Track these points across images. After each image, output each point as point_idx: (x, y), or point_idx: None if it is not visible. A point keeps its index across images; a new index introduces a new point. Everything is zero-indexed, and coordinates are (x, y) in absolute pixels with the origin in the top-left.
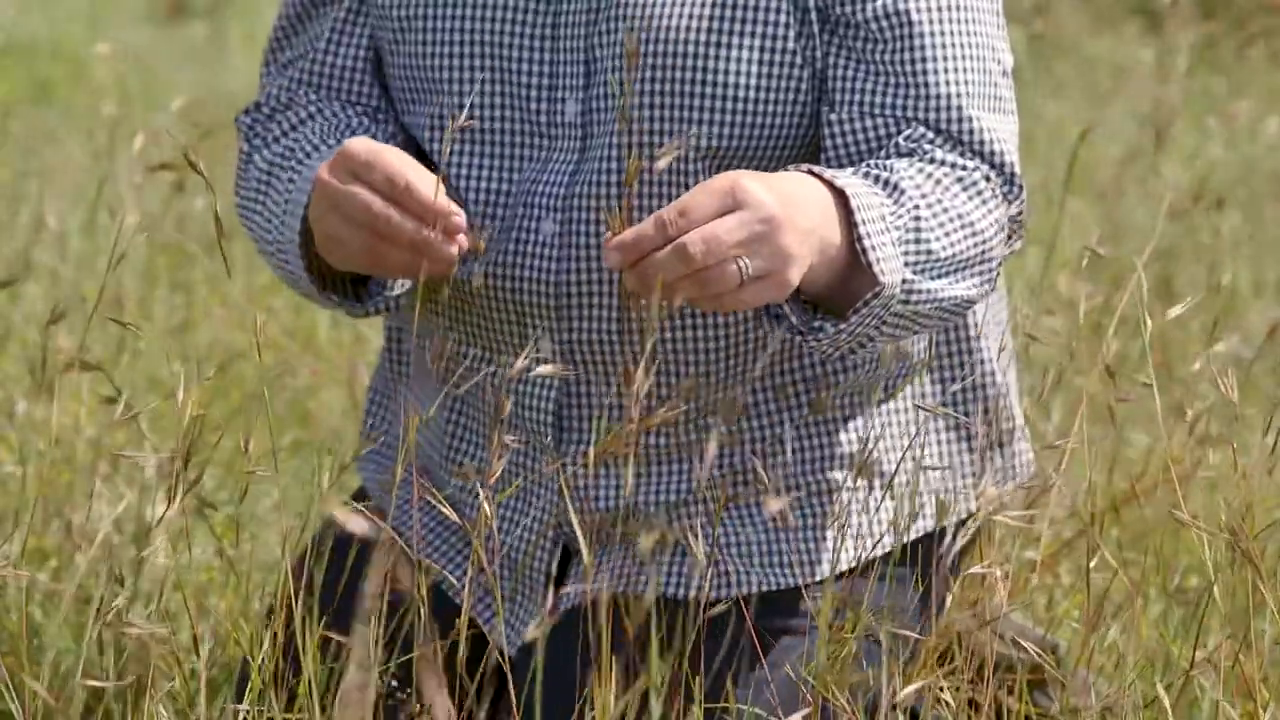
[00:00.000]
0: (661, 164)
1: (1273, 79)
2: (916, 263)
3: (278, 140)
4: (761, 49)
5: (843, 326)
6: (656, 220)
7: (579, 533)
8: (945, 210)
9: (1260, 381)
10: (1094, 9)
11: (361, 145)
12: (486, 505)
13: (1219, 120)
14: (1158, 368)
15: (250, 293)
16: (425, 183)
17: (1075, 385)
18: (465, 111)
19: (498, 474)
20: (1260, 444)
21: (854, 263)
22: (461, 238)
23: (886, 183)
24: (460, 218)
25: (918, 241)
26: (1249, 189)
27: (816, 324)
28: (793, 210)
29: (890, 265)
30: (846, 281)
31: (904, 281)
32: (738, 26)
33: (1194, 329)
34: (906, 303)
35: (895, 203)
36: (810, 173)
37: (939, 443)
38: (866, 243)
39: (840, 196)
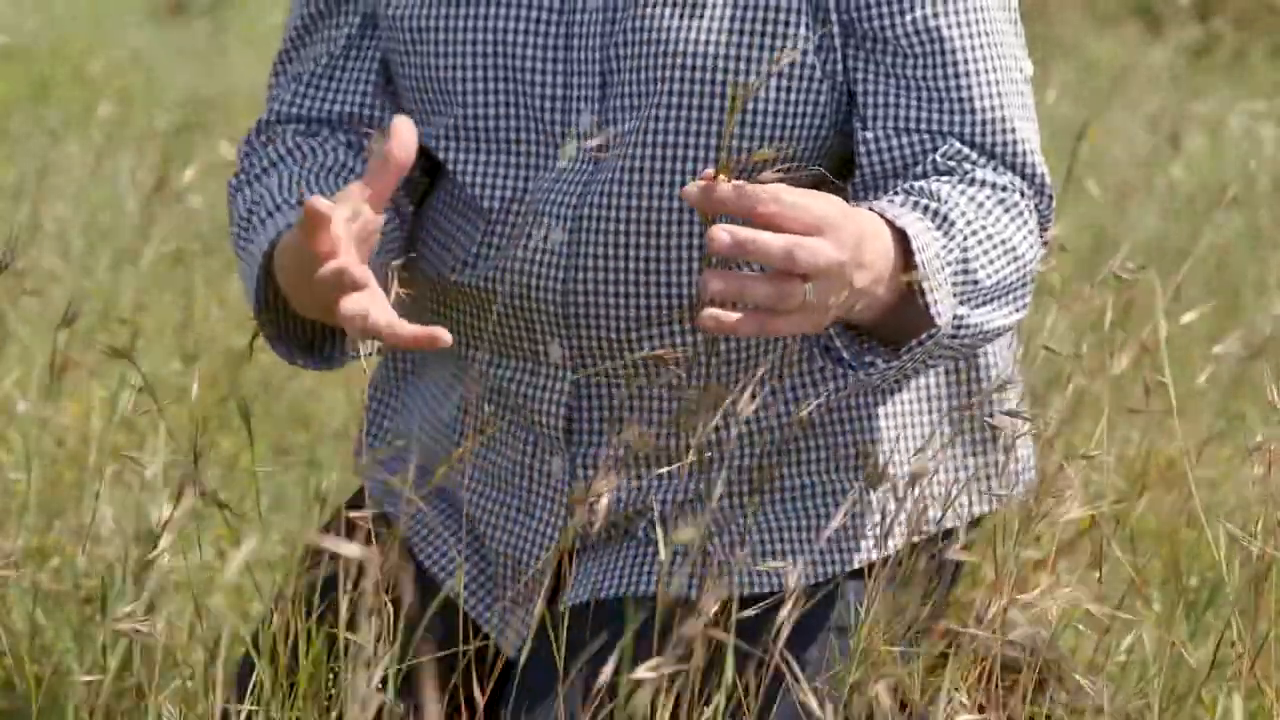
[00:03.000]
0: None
1: (1273, 79)
2: (964, 295)
3: (259, 179)
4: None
5: (894, 363)
6: (752, 191)
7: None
8: (990, 237)
9: (1260, 381)
10: (1094, 9)
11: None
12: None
13: (1219, 120)
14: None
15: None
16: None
17: (1078, 386)
18: (476, 114)
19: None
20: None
21: (905, 299)
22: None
23: (935, 214)
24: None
25: (966, 273)
26: (1249, 189)
27: (868, 359)
28: (858, 264)
29: (945, 305)
30: (896, 314)
31: (955, 317)
32: (757, 40)
33: (1194, 329)
34: (955, 335)
35: (946, 235)
36: (871, 208)
37: (947, 444)
38: (925, 284)
39: (899, 235)
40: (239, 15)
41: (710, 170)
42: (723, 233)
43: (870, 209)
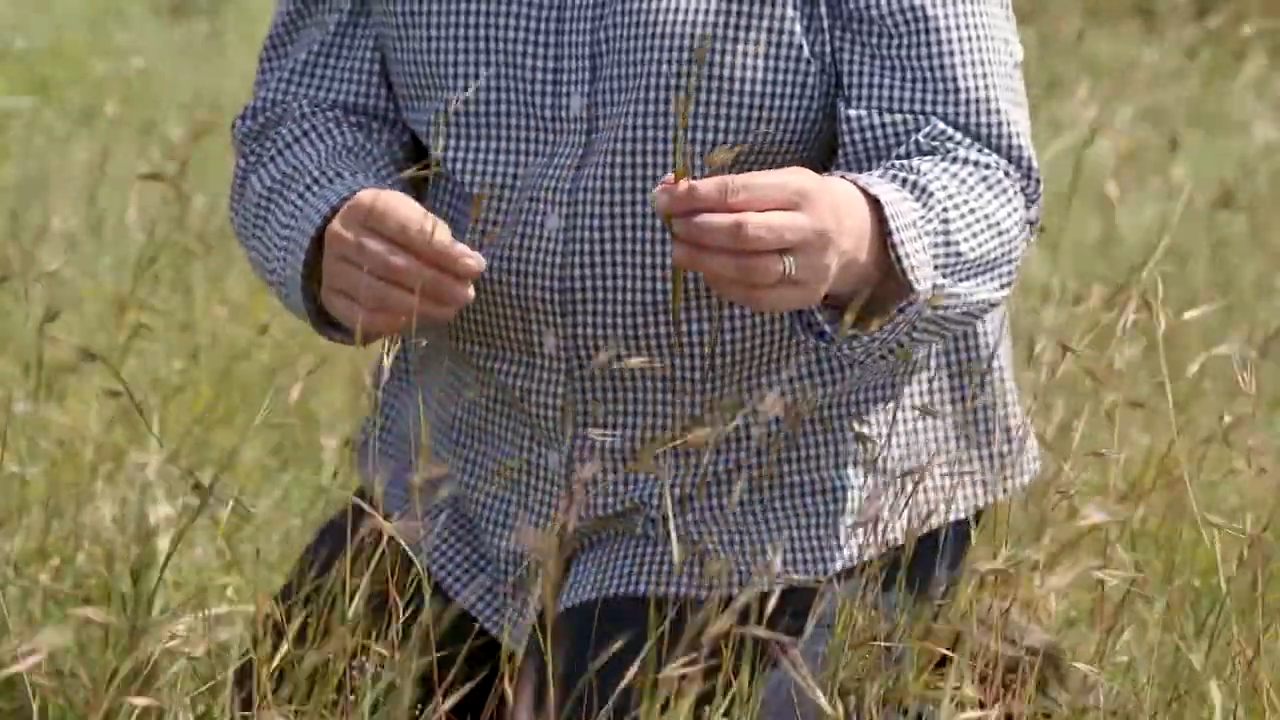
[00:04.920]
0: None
1: (1273, 79)
2: (946, 266)
3: (273, 160)
4: (769, 43)
5: (875, 335)
6: (719, 182)
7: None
8: (972, 211)
9: (1261, 381)
10: (1093, 8)
11: (370, 196)
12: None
13: (1218, 119)
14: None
15: (251, 291)
16: (437, 228)
17: (1082, 387)
18: (466, 99)
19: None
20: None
21: (884, 270)
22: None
23: (914, 185)
24: (474, 260)
25: (947, 244)
26: (1250, 189)
27: (850, 333)
28: (842, 228)
29: (923, 272)
30: (879, 287)
31: (934, 286)
32: (744, 21)
33: (1195, 328)
34: (936, 307)
35: (924, 206)
36: (844, 178)
37: (946, 440)
38: (900, 250)
39: (874, 204)
40: (239, 15)
41: (670, 175)
42: (679, 227)
43: (843, 177)
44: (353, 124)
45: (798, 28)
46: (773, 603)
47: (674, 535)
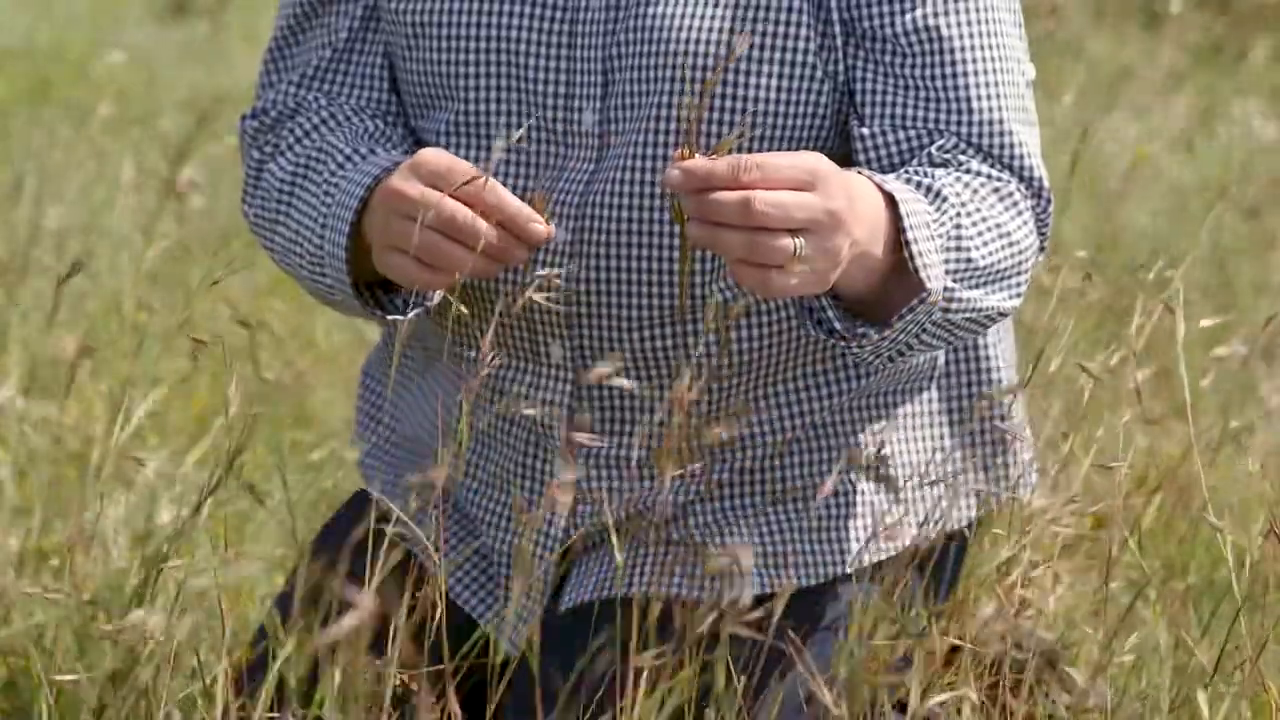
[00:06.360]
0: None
1: (1273, 78)
2: (957, 271)
3: (291, 148)
4: (782, 62)
5: (886, 333)
6: (733, 160)
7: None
8: (984, 219)
9: (1261, 382)
10: (1095, 8)
11: (435, 154)
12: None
13: (1220, 120)
14: (1155, 370)
15: (251, 291)
16: (505, 190)
17: (1077, 385)
18: (476, 110)
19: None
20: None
21: (896, 269)
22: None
23: (929, 189)
24: (539, 226)
25: (959, 250)
26: (1249, 189)
27: (860, 330)
28: (854, 215)
29: (935, 272)
30: (886, 288)
31: (945, 289)
32: (758, 39)
33: (1194, 330)
34: (946, 311)
35: (938, 210)
36: (859, 173)
37: (949, 448)
38: (914, 248)
39: (888, 201)
40: (239, 15)
41: (680, 150)
42: (692, 203)
43: (859, 173)
44: (370, 114)
45: (811, 46)
46: (779, 607)
47: (709, 545)
